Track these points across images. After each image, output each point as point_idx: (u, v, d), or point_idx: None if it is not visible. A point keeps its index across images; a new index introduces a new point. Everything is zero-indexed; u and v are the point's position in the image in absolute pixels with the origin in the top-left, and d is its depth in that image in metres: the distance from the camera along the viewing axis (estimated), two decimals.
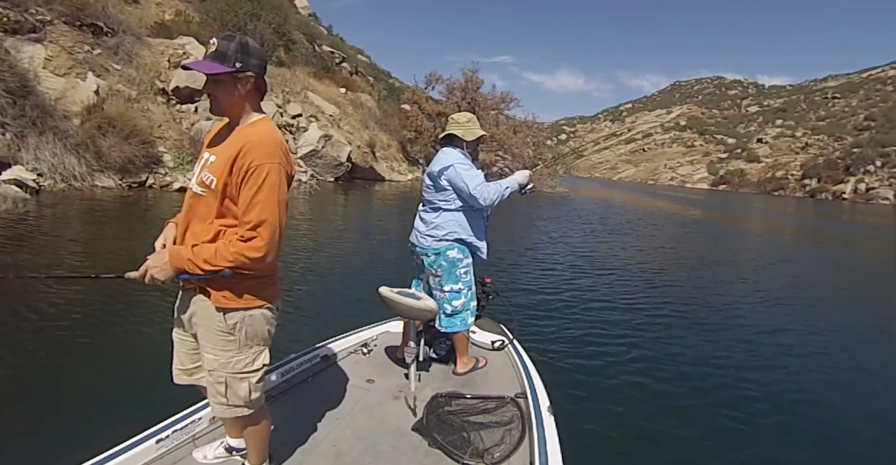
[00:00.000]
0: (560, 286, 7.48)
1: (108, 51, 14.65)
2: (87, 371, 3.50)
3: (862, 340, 6.09)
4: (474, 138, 2.99)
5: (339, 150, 20.53)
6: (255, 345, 1.73)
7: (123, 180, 11.94)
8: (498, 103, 32.88)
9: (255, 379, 1.74)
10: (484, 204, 2.82)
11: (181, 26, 19.06)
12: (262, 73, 1.65)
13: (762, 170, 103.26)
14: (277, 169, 1.55)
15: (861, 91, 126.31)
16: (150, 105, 14.48)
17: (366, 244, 9.97)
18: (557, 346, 4.84)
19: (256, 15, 23.28)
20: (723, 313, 6.80)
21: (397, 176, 27.32)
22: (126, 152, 11.73)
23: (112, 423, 2.43)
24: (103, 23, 14.99)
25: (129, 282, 1.63)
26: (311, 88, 23.86)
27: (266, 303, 1.72)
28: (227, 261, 1.53)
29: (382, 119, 29.73)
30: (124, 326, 4.29)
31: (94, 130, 11.54)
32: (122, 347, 3.91)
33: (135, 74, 14.81)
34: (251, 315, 1.68)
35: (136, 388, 3.17)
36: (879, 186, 66.78)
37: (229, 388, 1.70)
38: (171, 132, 14.35)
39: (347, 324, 3.59)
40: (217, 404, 1.74)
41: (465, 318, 3.00)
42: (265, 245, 1.55)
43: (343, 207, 15.46)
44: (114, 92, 13.55)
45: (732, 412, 3.72)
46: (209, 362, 1.70)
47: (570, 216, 19.44)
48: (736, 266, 11.12)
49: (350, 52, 40.64)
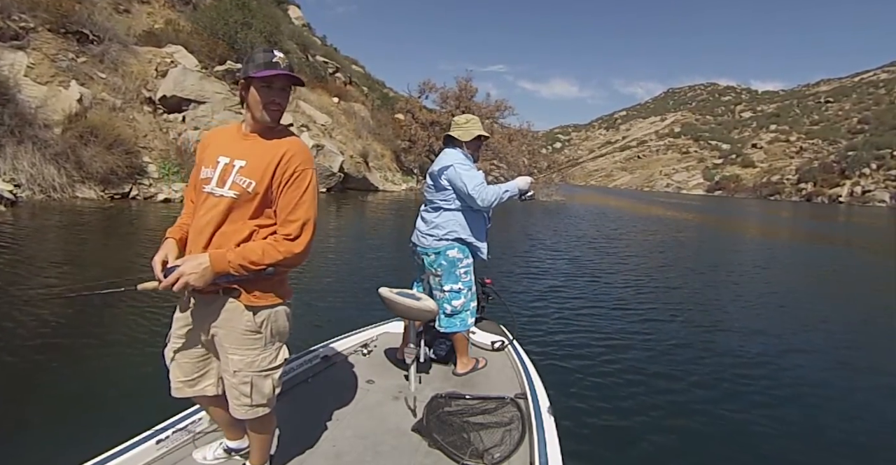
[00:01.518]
0: (560, 287, 7.48)
1: (93, 59, 14.37)
2: (87, 372, 3.51)
3: (864, 338, 6.12)
4: (471, 138, 2.99)
5: (331, 160, 20.20)
6: (277, 341, 1.81)
7: (105, 191, 11.55)
8: (492, 112, 32.58)
9: (277, 375, 1.82)
10: (482, 205, 2.83)
11: (170, 35, 18.79)
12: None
13: (758, 175, 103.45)
14: (315, 174, 1.74)
15: (854, 95, 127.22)
16: (135, 114, 14.14)
17: (362, 249, 9.85)
18: (557, 346, 4.84)
19: (248, 23, 23.04)
20: (722, 313, 6.80)
21: (391, 186, 26.97)
22: (108, 162, 11.34)
23: (112, 423, 2.47)
24: (89, 30, 14.72)
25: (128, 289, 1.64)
26: (303, 98, 23.56)
27: (286, 299, 1.81)
28: (275, 258, 1.63)
29: (376, 128, 29.45)
30: (124, 327, 4.30)
31: (76, 139, 11.17)
32: (122, 348, 3.90)
33: (120, 83, 14.50)
34: (276, 312, 1.77)
35: (136, 388, 3.18)
36: (875, 189, 66.74)
37: (254, 387, 1.75)
38: (157, 142, 13.98)
39: (347, 324, 3.64)
40: (241, 406, 1.76)
41: (465, 318, 2.99)
42: (309, 241, 1.70)
43: (337, 217, 15.09)
44: (98, 100, 13.22)
45: (732, 412, 3.73)
46: (234, 364, 1.73)
47: (567, 222, 19.45)
48: (733, 268, 10.97)
49: (344, 62, 40.42)
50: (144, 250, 7.59)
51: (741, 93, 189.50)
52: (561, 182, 39.66)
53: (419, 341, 2.81)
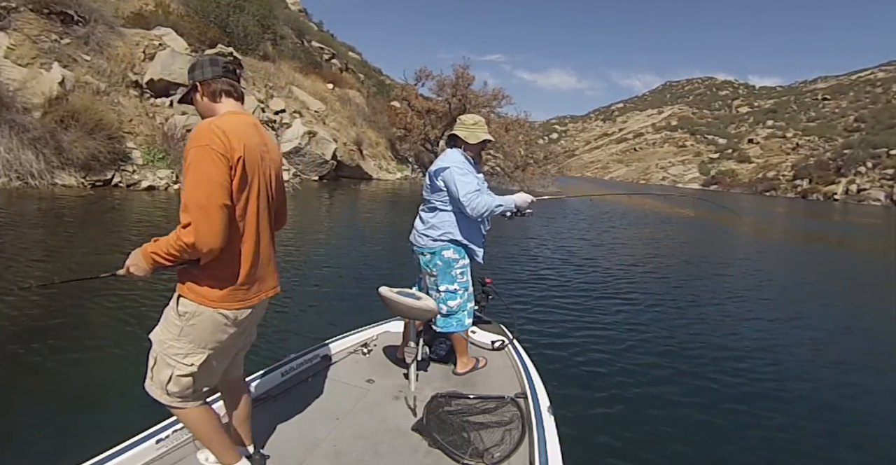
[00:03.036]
0: (560, 286, 7.45)
1: (77, 40, 13.89)
2: (87, 371, 3.47)
3: (866, 337, 6.23)
4: (477, 142, 2.95)
5: (323, 147, 19.79)
6: (191, 342, 1.73)
7: (87, 178, 11.13)
8: (489, 100, 32.08)
9: (180, 373, 1.73)
10: (471, 213, 2.78)
11: (159, 17, 18.25)
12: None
13: (753, 170, 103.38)
14: (201, 152, 1.59)
15: (851, 93, 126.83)
16: (120, 98, 13.68)
17: (356, 243, 9.69)
18: (557, 346, 4.83)
19: (240, 6, 22.50)
20: (723, 314, 6.75)
21: (385, 175, 26.58)
22: (90, 148, 10.91)
23: (112, 423, 2.47)
24: (74, 11, 14.22)
25: (126, 283, 1.56)
26: (297, 83, 23.09)
27: (219, 305, 1.72)
28: (171, 248, 1.58)
29: (371, 116, 29.00)
30: (123, 327, 4.24)
31: (56, 123, 10.74)
32: (122, 348, 3.84)
33: (106, 66, 14.03)
34: (200, 313, 1.71)
35: (136, 388, 3.15)
36: (871, 187, 66.61)
37: (156, 366, 1.75)
38: (143, 127, 13.52)
39: (347, 324, 3.65)
40: (147, 377, 1.79)
41: (462, 319, 2.98)
42: (204, 230, 1.56)
43: (329, 208, 14.68)
44: (81, 84, 12.76)
45: (732, 412, 3.75)
46: (153, 333, 1.77)
47: (565, 216, 19.29)
48: (738, 268, 10.81)
49: (340, 48, 39.76)
50: (120, 240, 7.29)
51: (738, 88, 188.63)
52: (557, 174, 39.39)
53: (419, 341, 2.82)
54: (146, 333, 1.72)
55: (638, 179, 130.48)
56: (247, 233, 1.72)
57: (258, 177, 1.74)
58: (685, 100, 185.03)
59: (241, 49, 21.01)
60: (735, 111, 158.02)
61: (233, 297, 1.72)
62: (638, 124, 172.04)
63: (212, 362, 1.78)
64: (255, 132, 1.78)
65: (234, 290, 1.72)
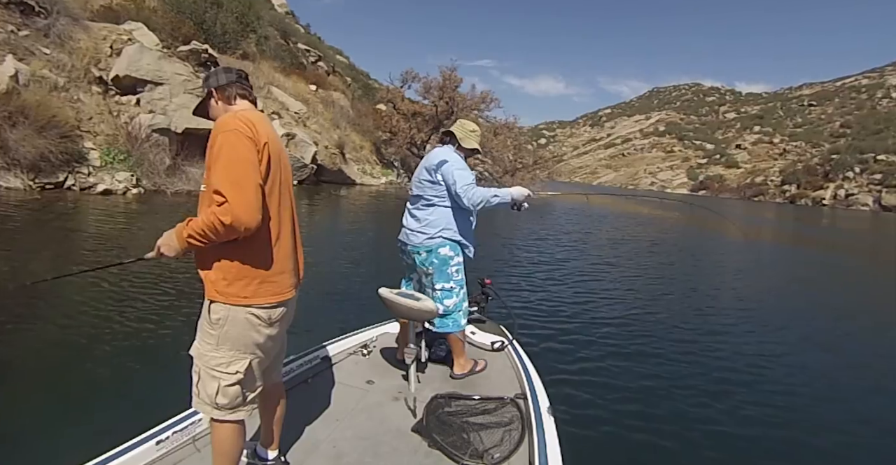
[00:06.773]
0: (560, 287, 7.43)
1: (37, 32, 12.98)
2: (87, 372, 3.42)
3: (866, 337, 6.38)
4: (469, 148, 2.98)
5: (302, 150, 18.92)
6: (230, 348, 1.71)
7: (35, 180, 10.17)
8: (478, 103, 31.26)
9: (227, 384, 1.71)
10: (467, 204, 2.78)
11: (131, 11, 17.33)
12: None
13: (741, 175, 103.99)
14: (231, 136, 1.60)
15: (836, 99, 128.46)
16: (81, 94, 12.72)
17: (350, 248, 9.29)
18: (557, 346, 4.83)
19: (218, 3, 21.61)
20: (723, 315, 6.76)
21: (369, 179, 25.68)
22: (39, 147, 9.95)
23: (112, 424, 2.43)
24: (35, 2, 13.33)
25: (126, 283, 1.25)
26: (277, 84, 22.21)
27: (252, 302, 1.71)
28: (208, 225, 1.54)
29: (356, 119, 28.14)
30: (123, 327, 4.14)
31: (2, 120, 9.79)
32: (122, 348, 3.78)
33: (67, 60, 13.07)
34: (232, 314, 1.70)
35: (136, 389, 3.17)
36: (859, 193, 67.00)
37: (201, 381, 1.73)
38: (104, 126, 12.56)
39: (347, 325, 3.67)
40: (194, 393, 1.78)
41: (458, 319, 2.94)
42: (241, 206, 1.55)
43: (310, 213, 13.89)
44: (37, 78, 11.78)
45: (732, 412, 3.74)
46: (193, 348, 1.74)
47: (564, 217, 19.50)
48: (736, 272, 10.92)
49: (328, 51, 38.96)
50: (69, 248, 6.69)
51: (725, 94, 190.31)
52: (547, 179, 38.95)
53: (419, 342, 2.76)
54: (146, 333, 1.92)
55: (626, 184, 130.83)
56: (273, 220, 1.70)
57: (281, 168, 1.73)
58: (673, 106, 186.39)
59: (217, 47, 20.12)
60: (722, 117, 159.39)
61: (264, 291, 1.69)
62: (626, 130, 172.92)
63: (254, 366, 1.75)
64: (273, 128, 1.76)
65: (262, 283, 1.69)
